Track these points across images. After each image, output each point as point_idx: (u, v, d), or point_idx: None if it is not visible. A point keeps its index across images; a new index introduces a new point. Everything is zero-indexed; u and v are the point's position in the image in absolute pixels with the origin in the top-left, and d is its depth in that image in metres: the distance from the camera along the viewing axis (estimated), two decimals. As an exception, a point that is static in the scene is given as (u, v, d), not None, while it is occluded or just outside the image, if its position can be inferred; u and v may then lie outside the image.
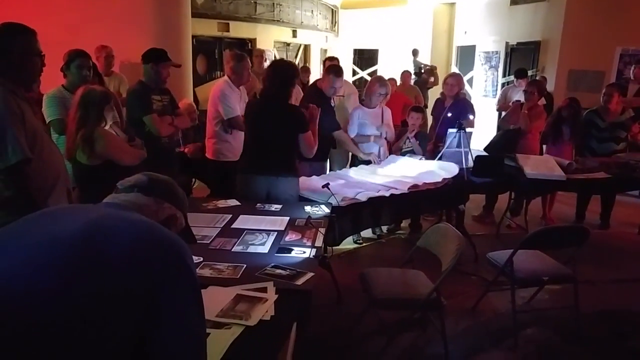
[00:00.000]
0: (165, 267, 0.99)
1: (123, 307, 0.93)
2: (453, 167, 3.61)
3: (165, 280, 0.98)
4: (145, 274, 0.97)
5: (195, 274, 1.07)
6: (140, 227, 1.05)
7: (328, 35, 11.50)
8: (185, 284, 1.02)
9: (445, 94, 4.62)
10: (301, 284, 1.79)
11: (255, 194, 2.89)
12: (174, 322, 0.99)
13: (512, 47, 8.77)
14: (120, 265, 0.95)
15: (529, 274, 2.81)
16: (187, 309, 1.01)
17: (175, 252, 1.03)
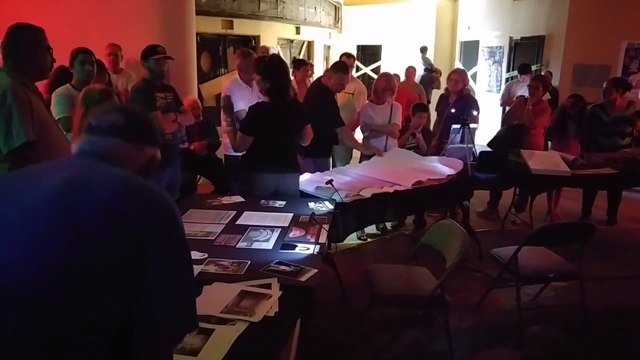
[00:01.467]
0: (147, 220, 0.94)
1: (112, 270, 0.90)
2: (457, 163, 3.60)
3: (148, 233, 0.93)
4: (126, 230, 0.92)
5: (181, 227, 1.01)
6: (119, 182, 0.98)
7: (331, 32, 11.47)
8: (170, 236, 0.98)
9: (449, 89, 4.60)
10: (305, 280, 1.79)
11: (262, 192, 2.89)
12: (160, 276, 0.94)
13: (516, 41, 8.72)
14: (98, 226, 0.90)
15: (534, 270, 2.80)
16: (173, 263, 0.97)
17: (155, 203, 0.98)
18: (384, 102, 4.17)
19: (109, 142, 1.08)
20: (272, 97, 2.88)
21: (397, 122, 4.16)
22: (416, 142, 4.31)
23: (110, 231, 0.91)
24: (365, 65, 11.99)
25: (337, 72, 3.77)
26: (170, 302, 0.96)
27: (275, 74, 2.86)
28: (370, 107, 4.21)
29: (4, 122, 1.98)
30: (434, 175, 3.37)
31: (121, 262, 0.91)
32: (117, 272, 0.91)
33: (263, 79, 2.85)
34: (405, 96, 6.46)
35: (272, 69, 2.87)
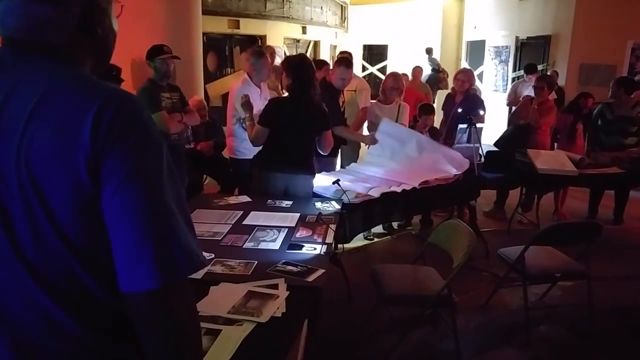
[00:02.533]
0: (100, 130, 0.72)
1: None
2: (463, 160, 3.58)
3: (103, 147, 0.72)
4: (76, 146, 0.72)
5: (148, 129, 0.78)
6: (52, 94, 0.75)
7: (337, 32, 11.46)
8: (131, 142, 0.74)
9: (456, 89, 4.60)
10: (312, 280, 1.79)
11: (273, 191, 2.90)
12: (125, 186, 0.73)
13: (522, 41, 8.68)
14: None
15: (541, 270, 2.79)
16: (140, 168, 0.74)
17: (105, 104, 0.74)
18: (392, 101, 4.17)
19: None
20: (291, 94, 2.93)
21: (405, 123, 4.16)
22: None
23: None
24: (372, 65, 11.98)
25: (340, 67, 3.77)
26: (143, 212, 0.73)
27: (296, 71, 2.89)
28: (378, 107, 4.22)
29: None
30: (440, 174, 3.36)
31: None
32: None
33: (287, 75, 2.90)
34: (414, 96, 6.47)
35: (294, 67, 2.93)
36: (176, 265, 0.74)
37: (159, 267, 0.72)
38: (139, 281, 0.72)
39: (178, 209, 0.77)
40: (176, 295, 0.75)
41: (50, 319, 0.76)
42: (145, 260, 0.72)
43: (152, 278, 0.72)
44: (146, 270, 0.72)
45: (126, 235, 0.73)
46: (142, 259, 0.72)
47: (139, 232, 0.72)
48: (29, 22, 0.77)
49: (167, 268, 0.73)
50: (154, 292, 0.72)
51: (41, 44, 0.78)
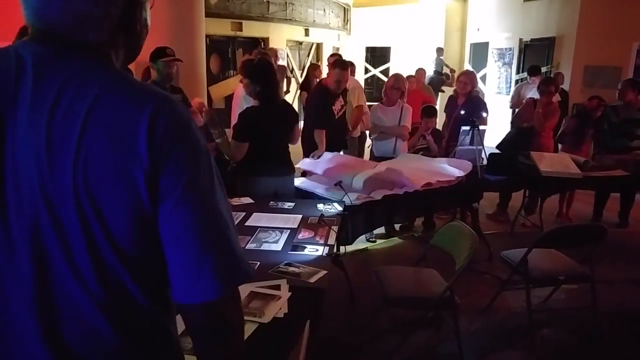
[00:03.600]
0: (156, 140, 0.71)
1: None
2: (466, 164, 3.58)
3: (159, 158, 0.71)
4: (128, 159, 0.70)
5: (198, 135, 0.76)
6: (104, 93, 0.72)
7: (340, 34, 11.49)
8: (186, 150, 0.73)
9: (458, 91, 4.59)
10: (314, 281, 1.80)
11: (262, 196, 2.87)
12: (181, 198, 0.72)
13: (526, 43, 8.67)
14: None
15: (544, 273, 2.78)
16: (194, 179, 0.73)
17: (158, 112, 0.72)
18: (394, 103, 4.16)
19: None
20: (263, 101, 2.83)
21: (406, 125, 4.14)
22: (426, 144, 4.30)
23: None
24: (374, 67, 12.00)
25: (335, 68, 3.77)
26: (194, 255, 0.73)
27: (265, 77, 2.82)
28: (380, 109, 4.22)
29: None
30: (443, 177, 3.36)
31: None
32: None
33: (252, 82, 2.81)
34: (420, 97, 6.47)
35: (262, 72, 2.83)
36: (233, 276, 0.76)
37: (218, 280, 0.74)
38: (199, 294, 0.74)
39: (229, 218, 0.78)
40: (231, 302, 0.78)
41: (96, 334, 0.74)
42: (205, 273, 0.73)
43: (210, 290, 0.74)
44: (206, 283, 0.73)
45: (186, 249, 0.73)
46: (202, 272, 0.73)
47: (199, 247, 0.73)
48: (72, 17, 0.73)
49: (225, 279, 0.75)
50: (212, 302, 0.74)
51: (80, 41, 0.74)
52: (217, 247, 0.74)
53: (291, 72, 9.42)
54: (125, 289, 0.74)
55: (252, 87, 2.81)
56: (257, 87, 2.80)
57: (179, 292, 0.74)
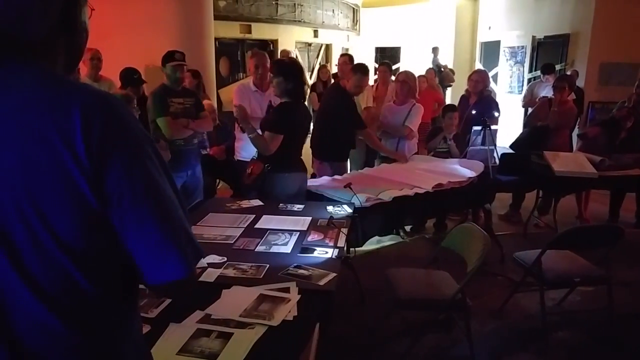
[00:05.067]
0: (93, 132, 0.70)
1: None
2: (478, 165, 3.54)
3: (100, 157, 0.71)
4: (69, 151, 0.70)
5: (140, 131, 0.78)
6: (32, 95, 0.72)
7: (349, 34, 11.46)
8: (129, 148, 0.75)
9: (470, 90, 4.54)
10: (324, 284, 1.78)
11: (288, 192, 2.91)
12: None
13: (539, 41, 8.56)
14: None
15: (559, 274, 2.73)
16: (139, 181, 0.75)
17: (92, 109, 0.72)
18: (403, 102, 4.12)
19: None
20: (294, 98, 2.92)
21: (410, 125, 4.06)
22: (447, 148, 4.19)
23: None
24: (384, 68, 11.93)
25: (356, 74, 3.74)
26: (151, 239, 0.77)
27: (298, 76, 2.91)
28: (388, 108, 4.22)
29: None
30: (454, 177, 3.32)
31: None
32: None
33: (285, 79, 2.86)
34: (433, 97, 6.43)
35: (296, 71, 2.93)
36: (193, 254, 0.82)
37: (182, 260, 0.79)
38: (167, 275, 0.79)
39: (179, 203, 0.82)
40: (193, 276, 0.85)
41: (48, 330, 0.76)
42: (170, 257, 0.78)
43: (178, 271, 0.79)
44: (173, 265, 0.79)
45: (147, 239, 0.77)
46: (168, 256, 0.78)
47: (160, 234, 0.77)
48: (15, 9, 0.73)
49: (188, 258, 0.80)
50: (180, 280, 0.80)
51: (17, 37, 0.73)
52: (176, 233, 0.79)
53: (300, 74, 9.42)
54: (76, 285, 0.75)
55: (285, 85, 2.86)
56: (290, 84, 2.86)
57: (148, 276, 0.79)
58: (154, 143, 0.82)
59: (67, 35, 0.81)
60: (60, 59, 0.81)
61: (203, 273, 1.85)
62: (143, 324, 1.47)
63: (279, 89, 2.91)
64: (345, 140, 3.78)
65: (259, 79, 3.61)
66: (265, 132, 2.85)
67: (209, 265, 1.92)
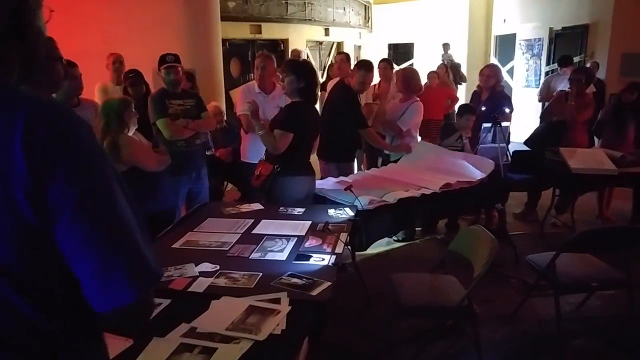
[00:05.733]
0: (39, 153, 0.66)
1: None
2: (487, 163, 3.40)
3: (43, 172, 0.66)
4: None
5: (89, 141, 0.73)
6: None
7: (361, 32, 11.34)
8: (75, 160, 0.70)
9: (481, 85, 4.40)
10: (316, 294, 1.69)
11: (298, 196, 2.84)
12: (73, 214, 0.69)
13: (557, 32, 8.30)
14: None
15: (574, 278, 2.59)
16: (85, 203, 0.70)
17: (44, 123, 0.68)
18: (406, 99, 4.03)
19: None
20: (305, 98, 2.86)
21: (403, 123, 3.95)
22: (461, 146, 4.05)
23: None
24: (398, 64, 11.75)
25: (360, 70, 3.65)
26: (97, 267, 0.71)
27: (310, 76, 2.86)
28: (391, 106, 4.15)
29: None
30: (463, 177, 3.19)
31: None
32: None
33: (298, 78, 2.80)
34: (444, 93, 6.28)
35: (308, 71, 2.90)
36: (143, 279, 0.76)
37: (128, 285, 0.73)
38: (112, 300, 0.73)
39: (134, 221, 0.76)
40: (143, 303, 0.79)
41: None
42: (115, 281, 0.72)
43: (123, 296, 0.73)
44: (117, 290, 0.73)
45: (91, 260, 0.71)
46: (112, 281, 0.72)
47: (104, 256, 0.72)
48: None
49: (136, 283, 0.74)
50: (125, 307, 0.74)
51: None
52: (123, 254, 0.73)
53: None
54: (14, 310, 0.71)
55: (297, 84, 2.80)
56: (302, 83, 2.80)
57: (92, 301, 0.73)
58: (107, 156, 0.77)
59: (19, 43, 0.75)
60: (13, 68, 0.76)
61: (194, 283, 1.79)
62: (126, 337, 1.44)
63: (289, 88, 2.85)
64: (350, 140, 3.69)
65: (261, 80, 3.54)
66: (275, 131, 2.77)
67: (201, 274, 1.85)
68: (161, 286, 1.74)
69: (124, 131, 2.57)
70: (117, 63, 4.18)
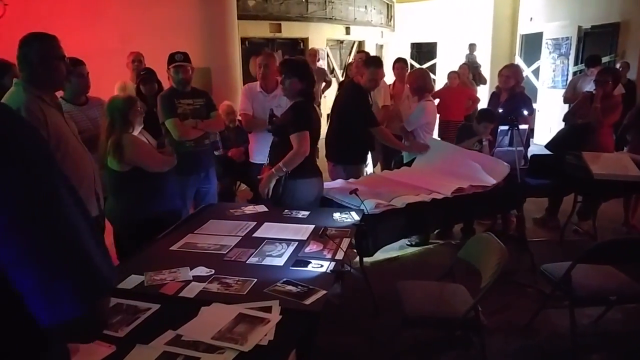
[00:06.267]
0: None
1: None
2: (501, 166, 3.26)
3: None
4: None
5: (25, 147, 0.69)
6: None
7: (384, 31, 11.20)
8: (9, 168, 0.66)
9: (500, 86, 4.25)
10: (309, 303, 1.63)
11: (309, 199, 2.79)
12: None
13: (586, 31, 8.00)
14: None
15: (591, 291, 2.45)
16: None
17: None
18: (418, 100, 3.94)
19: None
20: (307, 97, 2.82)
21: (408, 124, 3.91)
22: (478, 150, 3.93)
23: None
24: (420, 64, 11.58)
25: (370, 67, 3.55)
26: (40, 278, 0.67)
27: (310, 75, 2.84)
28: (405, 106, 4.07)
29: None
30: (477, 181, 3.07)
31: None
32: None
33: (300, 80, 2.75)
34: (465, 94, 6.13)
35: (308, 70, 2.86)
36: (90, 290, 0.72)
37: (73, 298, 0.69)
38: (57, 315, 0.69)
39: (83, 227, 0.73)
40: (92, 316, 0.74)
41: None
42: (59, 295, 0.69)
43: (68, 310, 0.70)
44: (62, 304, 0.69)
45: (32, 274, 0.68)
46: (56, 294, 0.69)
47: (46, 269, 0.68)
48: None
49: (82, 296, 0.71)
50: (71, 320, 0.71)
51: None
52: (68, 265, 0.69)
53: (331, 73, 9.27)
54: None
55: (295, 85, 2.76)
56: (304, 84, 2.76)
57: (36, 315, 0.69)
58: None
59: None
60: None
61: (186, 287, 1.75)
62: (110, 344, 1.40)
63: (292, 90, 2.78)
64: (360, 141, 3.59)
65: (264, 79, 3.50)
66: (291, 137, 2.69)
67: (194, 278, 1.81)
68: (152, 291, 1.72)
69: (128, 130, 2.55)
70: (136, 62, 4.20)
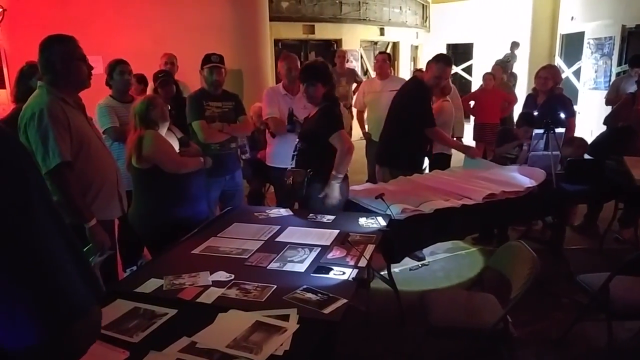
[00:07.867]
0: None
1: None
2: (538, 173, 3.14)
3: None
4: None
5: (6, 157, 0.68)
6: None
7: (419, 32, 11.04)
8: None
9: (538, 88, 4.08)
10: (329, 312, 1.59)
11: (336, 202, 2.75)
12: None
13: (630, 30, 7.62)
14: None
15: (630, 305, 2.31)
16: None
17: None
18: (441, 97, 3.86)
19: None
20: (332, 100, 2.84)
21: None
22: (516, 155, 3.79)
23: None
24: (457, 65, 11.34)
25: (438, 62, 3.44)
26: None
27: (332, 78, 2.87)
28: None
29: (41, 142, 2.02)
30: (509, 187, 2.95)
31: None
32: None
33: (324, 85, 2.77)
34: (500, 96, 5.96)
35: (329, 73, 2.87)
36: (56, 315, 0.68)
37: (35, 323, 0.66)
38: (19, 339, 0.66)
39: (57, 248, 0.69)
40: (60, 342, 0.70)
41: None
42: (21, 318, 0.65)
43: (31, 335, 0.66)
44: (24, 328, 0.65)
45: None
46: (17, 318, 0.65)
47: (7, 292, 0.65)
48: None
49: (46, 321, 0.67)
50: (36, 346, 0.67)
51: None
52: (28, 286, 0.65)
53: (365, 74, 9.20)
54: None
55: (320, 90, 2.77)
56: (325, 88, 2.79)
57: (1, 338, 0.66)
58: (30, 177, 0.70)
59: None
60: None
61: (204, 292, 1.74)
62: (124, 349, 1.41)
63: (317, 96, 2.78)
64: (410, 144, 3.47)
65: (291, 82, 3.48)
66: (330, 139, 2.69)
67: (214, 283, 1.81)
68: (170, 295, 1.72)
69: (153, 128, 2.56)
70: (169, 63, 4.27)
